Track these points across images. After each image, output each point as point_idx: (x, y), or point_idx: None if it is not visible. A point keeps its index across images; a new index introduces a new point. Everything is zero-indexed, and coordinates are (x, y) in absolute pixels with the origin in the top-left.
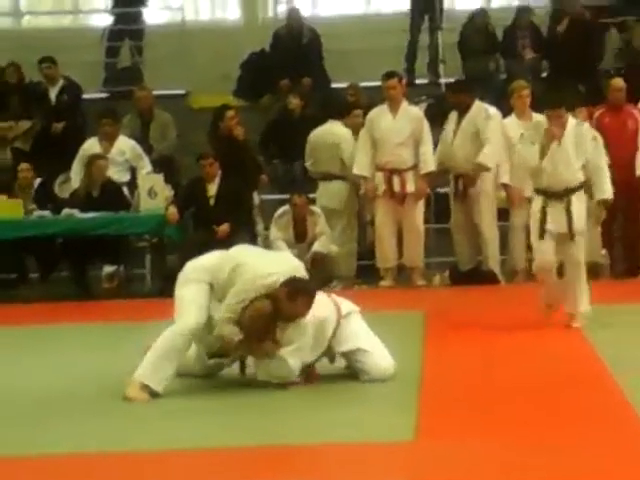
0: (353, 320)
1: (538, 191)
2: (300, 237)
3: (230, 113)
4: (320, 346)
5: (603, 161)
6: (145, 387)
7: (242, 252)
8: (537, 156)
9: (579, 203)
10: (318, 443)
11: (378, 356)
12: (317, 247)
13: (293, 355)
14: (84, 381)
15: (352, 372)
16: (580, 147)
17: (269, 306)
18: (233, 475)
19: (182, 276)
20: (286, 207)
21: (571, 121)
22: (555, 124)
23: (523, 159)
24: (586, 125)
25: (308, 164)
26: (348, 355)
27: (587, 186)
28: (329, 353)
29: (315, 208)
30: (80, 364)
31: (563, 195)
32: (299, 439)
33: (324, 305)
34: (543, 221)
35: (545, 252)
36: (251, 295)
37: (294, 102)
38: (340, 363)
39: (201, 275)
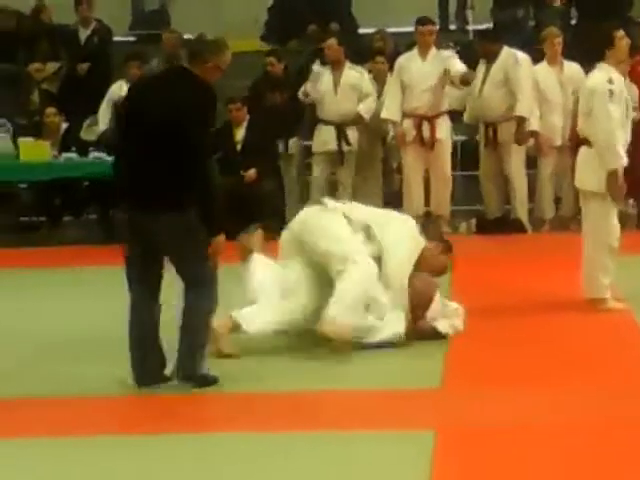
0: None
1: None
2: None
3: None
4: None
5: None
6: None
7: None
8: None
9: None
10: (346, 389)
11: None
12: (360, 108)
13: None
14: (112, 323)
15: None
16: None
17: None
18: (252, 419)
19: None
20: (319, 67)
21: None
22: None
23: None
24: None
25: None
26: None
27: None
28: None
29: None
30: (103, 307)
31: None
32: (327, 386)
33: None
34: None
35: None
36: (414, 255)
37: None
38: None
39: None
